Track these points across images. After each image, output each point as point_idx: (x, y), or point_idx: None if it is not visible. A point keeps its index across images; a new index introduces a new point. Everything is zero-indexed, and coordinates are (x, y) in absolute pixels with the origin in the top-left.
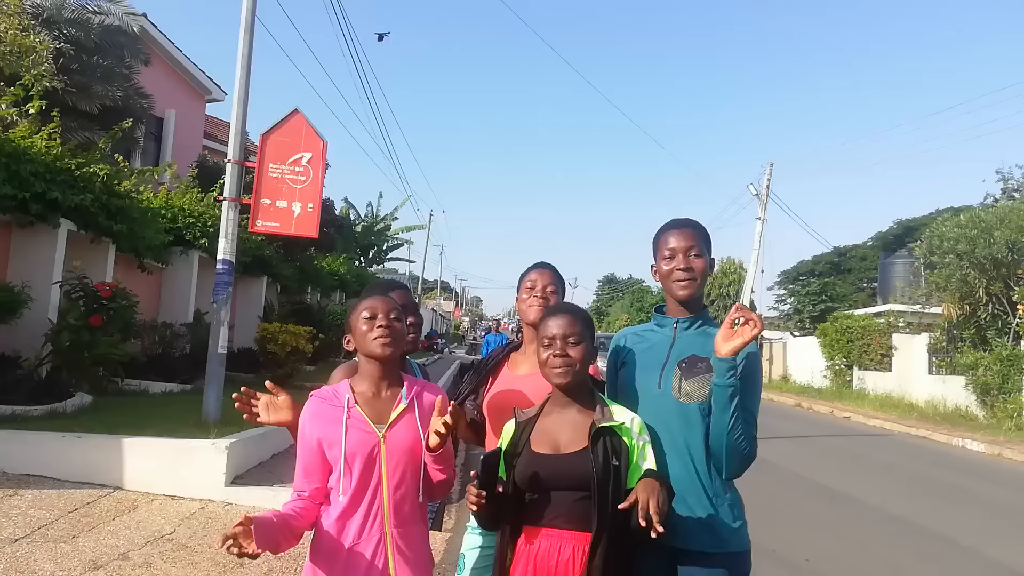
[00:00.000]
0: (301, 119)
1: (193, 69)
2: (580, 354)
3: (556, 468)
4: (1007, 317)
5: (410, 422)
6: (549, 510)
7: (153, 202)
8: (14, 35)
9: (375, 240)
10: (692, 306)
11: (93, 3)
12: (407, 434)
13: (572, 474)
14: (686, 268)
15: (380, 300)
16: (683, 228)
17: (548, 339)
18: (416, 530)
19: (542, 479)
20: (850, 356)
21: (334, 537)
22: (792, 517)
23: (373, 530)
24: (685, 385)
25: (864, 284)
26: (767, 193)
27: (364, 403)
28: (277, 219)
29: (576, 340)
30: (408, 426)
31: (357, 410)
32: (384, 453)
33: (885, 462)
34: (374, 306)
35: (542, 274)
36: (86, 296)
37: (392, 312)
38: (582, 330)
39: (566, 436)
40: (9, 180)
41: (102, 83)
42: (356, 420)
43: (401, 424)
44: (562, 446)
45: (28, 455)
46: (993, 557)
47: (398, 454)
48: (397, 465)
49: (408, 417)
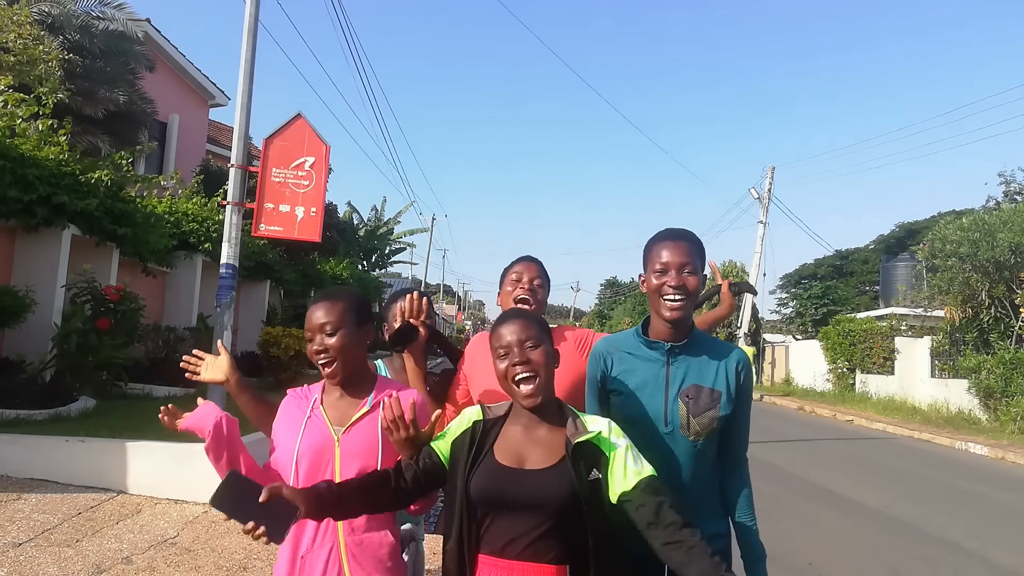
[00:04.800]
0: (304, 124)
1: (196, 74)
2: (541, 358)
3: (524, 486)
4: (1010, 320)
5: (370, 426)
6: (504, 536)
7: (157, 207)
8: (24, 45)
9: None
10: (681, 326)
11: (98, 9)
12: (365, 437)
13: (543, 495)
14: (678, 286)
15: (313, 309)
16: (678, 241)
17: (503, 348)
18: (376, 538)
19: (503, 496)
20: (852, 359)
21: (290, 543)
22: (795, 521)
23: (326, 537)
24: (694, 423)
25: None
26: (769, 196)
27: (330, 404)
28: (280, 223)
29: (534, 343)
30: (367, 429)
31: (320, 411)
32: (339, 456)
33: (888, 466)
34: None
35: (528, 267)
36: (93, 299)
37: (326, 327)
38: (539, 333)
39: (535, 452)
40: (15, 184)
41: (107, 88)
42: (316, 420)
43: (360, 427)
44: (528, 462)
45: (32, 459)
46: (997, 561)
47: (354, 457)
48: (350, 469)
49: (369, 420)
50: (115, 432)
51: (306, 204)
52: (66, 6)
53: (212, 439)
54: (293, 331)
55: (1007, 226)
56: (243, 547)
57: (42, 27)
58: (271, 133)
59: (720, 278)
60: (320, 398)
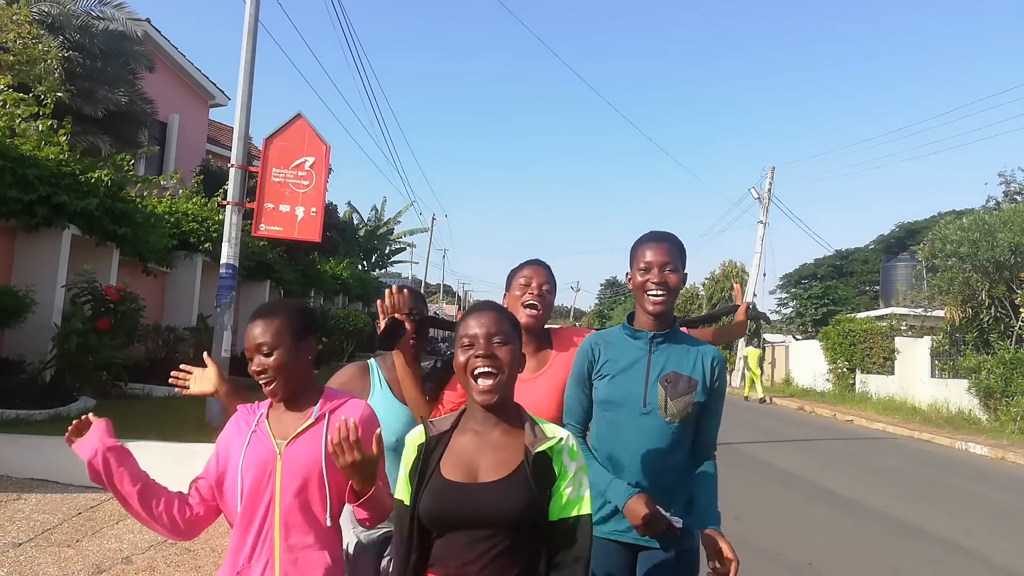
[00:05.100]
0: (304, 124)
1: (196, 74)
2: (508, 356)
3: (474, 501)
4: (1010, 320)
5: (314, 439)
6: (460, 556)
7: (157, 207)
8: (24, 44)
9: (378, 244)
10: (663, 319)
11: (97, 9)
12: (308, 451)
13: (498, 509)
14: (660, 283)
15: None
16: (661, 242)
17: (468, 339)
18: (315, 556)
19: (454, 514)
20: (852, 359)
21: (229, 557)
22: (795, 521)
23: (262, 553)
24: (671, 405)
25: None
26: (769, 196)
27: (275, 419)
28: (280, 223)
29: (503, 340)
30: (310, 443)
31: (265, 424)
32: (279, 470)
33: (888, 466)
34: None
35: (537, 271)
36: (94, 299)
37: (263, 347)
38: (509, 330)
39: (488, 462)
40: (15, 184)
41: (107, 88)
42: (260, 434)
43: (303, 441)
44: (480, 473)
45: (32, 459)
46: (997, 561)
47: (295, 472)
48: (291, 484)
49: (312, 434)
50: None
51: (306, 204)
52: (66, 6)
53: (90, 474)
54: None
55: (1007, 226)
56: None
57: (42, 27)
58: (271, 133)
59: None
60: (266, 412)
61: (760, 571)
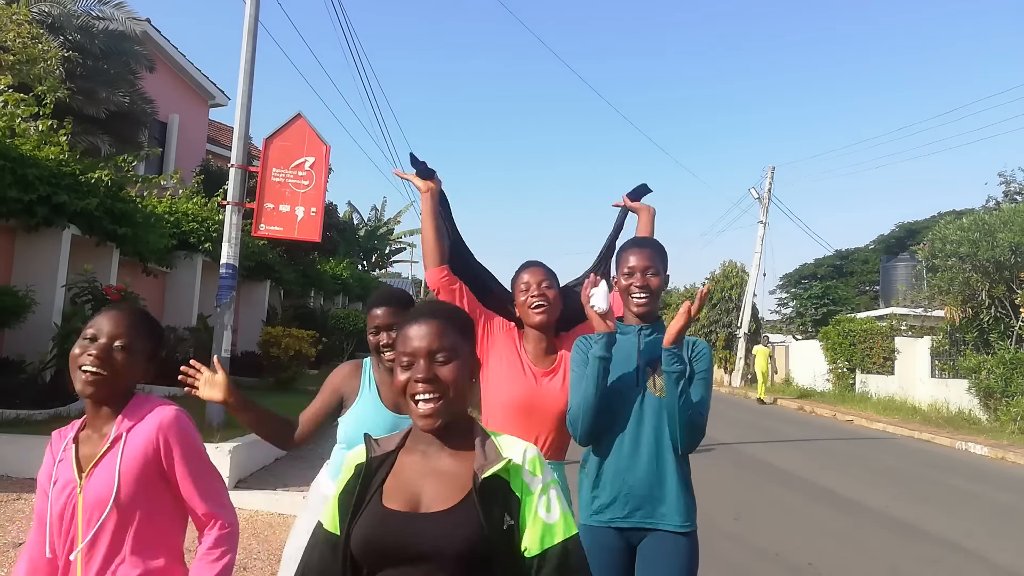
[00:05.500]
0: (304, 124)
1: (196, 74)
2: (453, 375)
3: (414, 534)
4: (1010, 320)
5: (108, 466)
6: None
7: (157, 207)
8: (23, 44)
9: (378, 244)
10: (648, 317)
11: (97, 9)
12: (103, 481)
13: (440, 544)
14: (642, 286)
15: (101, 319)
16: (642, 248)
17: (407, 356)
18: None
19: (392, 549)
20: (852, 359)
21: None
22: (795, 521)
23: None
24: (658, 380)
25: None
26: (769, 196)
27: (84, 440)
28: (280, 223)
29: (446, 357)
30: (106, 471)
31: (71, 449)
32: (81, 505)
33: (888, 466)
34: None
35: (533, 272)
36: (94, 299)
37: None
38: (453, 344)
39: (432, 489)
40: (15, 184)
41: (107, 89)
42: (65, 463)
43: (100, 469)
44: (424, 502)
45: (32, 459)
46: (997, 561)
47: (93, 507)
48: (91, 521)
49: (109, 459)
50: None
51: (306, 204)
52: (66, 6)
53: None
54: (293, 331)
55: (1007, 226)
56: (243, 547)
57: (42, 27)
58: (271, 133)
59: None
60: (76, 435)
61: (760, 571)
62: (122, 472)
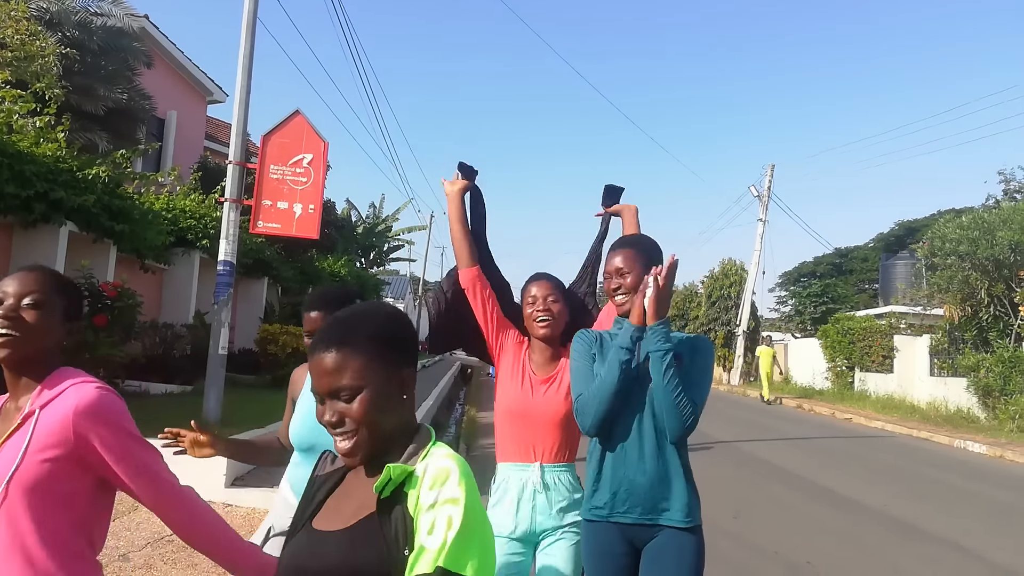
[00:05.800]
0: (302, 120)
1: (194, 70)
2: (362, 410)
3: (318, 555)
4: (1009, 319)
5: (15, 444)
6: None
7: (155, 203)
8: (21, 40)
9: (376, 241)
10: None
11: (95, 5)
12: (6, 460)
13: (338, 566)
14: (617, 288)
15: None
16: (624, 249)
17: (319, 392)
18: None
19: (299, 571)
20: (851, 358)
21: None
22: (794, 519)
23: None
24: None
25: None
26: (768, 194)
27: (4, 414)
28: (278, 220)
29: (350, 393)
30: (11, 451)
31: None
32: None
33: (887, 464)
34: None
35: (540, 285)
36: (91, 296)
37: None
38: (358, 371)
39: (347, 506)
40: (12, 180)
41: (105, 85)
42: None
43: (8, 447)
44: (338, 520)
45: None
46: (995, 559)
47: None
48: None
49: (18, 437)
50: None
51: (304, 201)
52: (64, 2)
53: None
54: (291, 328)
55: (1006, 224)
56: None
57: (40, 23)
58: (269, 130)
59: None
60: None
61: (759, 569)
62: (28, 453)
